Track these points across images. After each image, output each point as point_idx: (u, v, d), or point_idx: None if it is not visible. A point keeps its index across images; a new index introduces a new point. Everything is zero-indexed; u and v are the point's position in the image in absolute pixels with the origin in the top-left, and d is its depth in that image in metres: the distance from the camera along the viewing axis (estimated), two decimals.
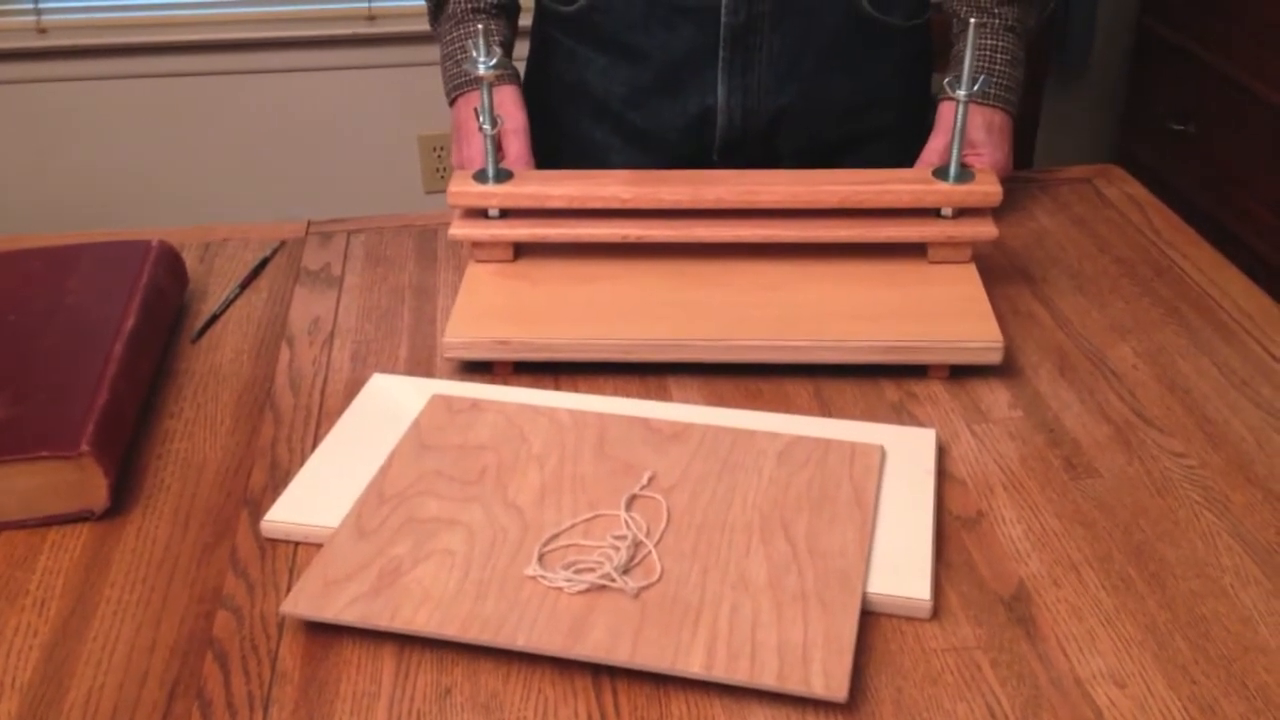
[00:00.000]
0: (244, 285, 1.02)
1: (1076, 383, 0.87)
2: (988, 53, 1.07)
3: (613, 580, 0.67)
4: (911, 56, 1.17)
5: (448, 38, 1.11)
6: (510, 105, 1.07)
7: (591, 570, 0.67)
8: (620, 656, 0.62)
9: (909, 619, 0.67)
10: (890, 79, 1.15)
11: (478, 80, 0.92)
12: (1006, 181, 1.05)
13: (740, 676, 0.61)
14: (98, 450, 0.74)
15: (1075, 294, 0.98)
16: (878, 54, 1.12)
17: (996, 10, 1.07)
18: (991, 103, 1.06)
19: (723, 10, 1.06)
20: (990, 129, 1.06)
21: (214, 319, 0.98)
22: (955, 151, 0.94)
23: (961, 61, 1.05)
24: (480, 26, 0.91)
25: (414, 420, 0.81)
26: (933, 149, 1.05)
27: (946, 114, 1.06)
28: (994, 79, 1.06)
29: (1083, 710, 0.61)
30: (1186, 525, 0.73)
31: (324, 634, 0.67)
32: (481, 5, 1.11)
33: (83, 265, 0.94)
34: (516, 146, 1.05)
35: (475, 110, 0.95)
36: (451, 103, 1.12)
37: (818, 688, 0.60)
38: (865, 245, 0.95)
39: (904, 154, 1.16)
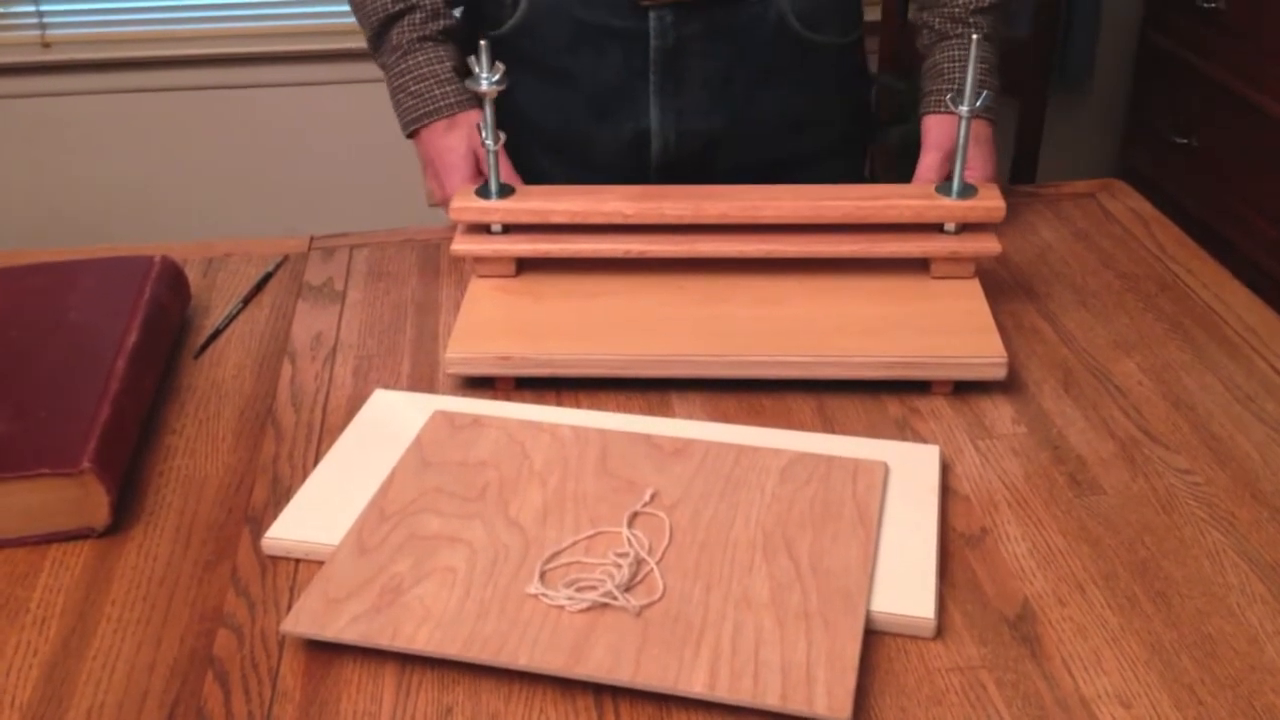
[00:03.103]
0: (246, 301, 1.02)
1: (1081, 399, 0.87)
2: (965, 63, 1.06)
3: (615, 598, 0.66)
4: (846, 75, 1.16)
5: (397, 69, 1.07)
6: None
7: (593, 588, 0.67)
8: (622, 676, 0.62)
9: (913, 638, 0.66)
10: (825, 98, 1.14)
11: (479, 95, 0.92)
12: (1009, 195, 1.04)
13: (743, 696, 0.61)
14: (99, 467, 0.74)
15: (1079, 309, 0.98)
16: (811, 73, 1.12)
17: (971, 20, 1.07)
18: (974, 113, 1.05)
19: (650, 34, 1.06)
20: (979, 141, 1.05)
21: (216, 334, 0.98)
22: (959, 166, 0.93)
23: (942, 75, 1.04)
24: (483, 42, 0.91)
25: (416, 436, 0.81)
26: (927, 166, 1.05)
27: (934, 130, 1.06)
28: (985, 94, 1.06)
29: None
30: (1192, 543, 0.73)
31: (325, 652, 0.66)
32: (427, 33, 1.07)
33: (85, 281, 0.94)
34: (503, 165, 1.04)
35: (478, 126, 0.95)
36: (412, 134, 1.09)
37: (821, 708, 0.60)
38: (868, 260, 0.95)
39: (844, 174, 1.16)
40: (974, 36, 0.89)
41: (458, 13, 1.14)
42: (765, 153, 1.13)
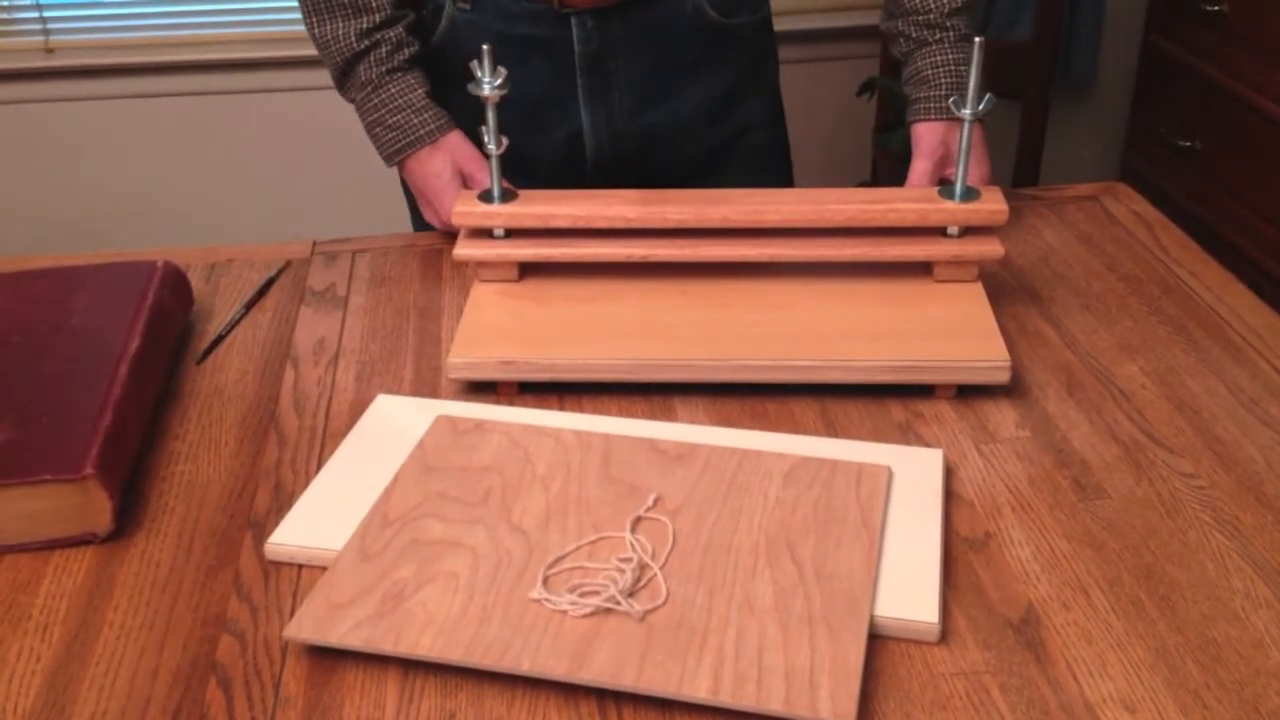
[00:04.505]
0: (249, 306, 1.02)
1: (1084, 402, 0.87)
2: (951, 66, 1.06)
3: (618, 603, 0.66)
4: (758, 55, 1.18)
5: (370, 104, 1.08)
6: (466, 146, 1.07)
7: (596, 593, 0.67)
8: (626, 681, 0.62)
9: (917, 642, 0.66)
10: (743, 78, 1.15)
11: (481, 100, 0.92)
12: (1011, 198, 1.04)
13: (747, 702, 0.61)
14: (102, 473, 0.74)
15: (1082, 312, 0.98)
16: (727, 58, 1.13)
17: (948, 23, 1.06)
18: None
19: (574, 39, 1.06)
20: (971, 144, 1.05)
21: (219, 340, 0.98)
22: (961, 170, 0.93)
23: (927, 81, 1.04)
24: (486, 47, 0.91)
25: (418, 441, 0.81)
26: (919, 174, 1.04)
27: (925, 138, 1.05)
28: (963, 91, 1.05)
29: None
30: (1197, 547, 0.73)
31: (328, 658, 0.66)
32: (396, 64, 1.07)
33: (88, 286, 0.94)
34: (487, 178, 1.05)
35: (483, 130, 0.95)
36: (398, 164, 1.09)
37: (825, 713, 0.60)
38: (871, 264, 0.95)
39: (774, 154, 1.19)
40: (976, 40, 0.89)
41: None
42: (698, 142, 1.15)
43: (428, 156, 1.07)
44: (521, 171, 1.10)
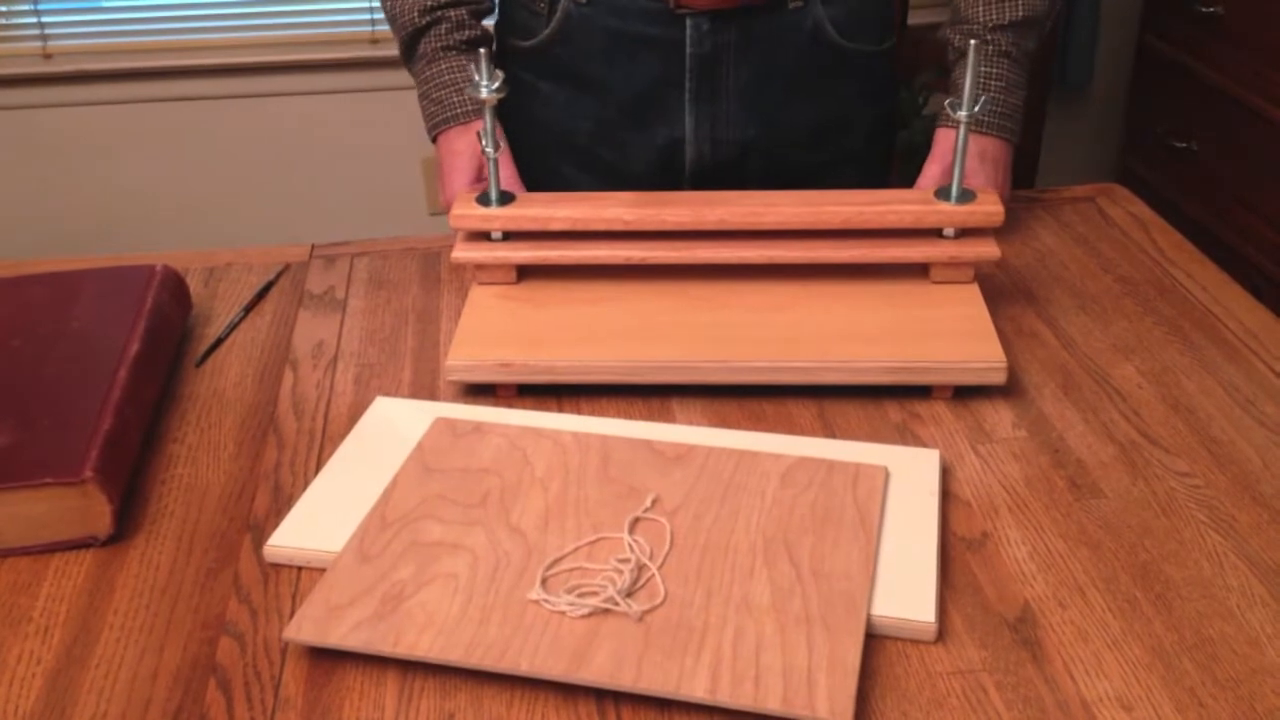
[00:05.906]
0: (248, 309, 1.03)
1: (1080, 402, 0.87)
2: (981, 79, 1.06)
3: (616, 604, 0.66)
4: (877, 81, 1.17)
5: (422, 77, 1.11)
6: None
7: (595, 594, 0.67)
8: (624, 681, 0.62)
9: (914, 642, 0.66)
10: (855, 103, 1.15)
11: (480, 103, 0.93)
12: (1008, 202, 1.04)
13: (745, 701, 0.61)
14: (101, 476, 0.74)
15: (1078, 313, 0.98)
16: (843, 80, 1.12)
17: (989, 37, 1.06)
18: (985, 130, 1.05)
19: (687, 41, 1.06)
20: (984, 158, 1.05)
21: (218, 343, 0.98)
22: (957, 171, 0.94)
23: (958, 89, 1.05)
24: (483, 51, 0.92)
25: (417, 443, 0.81)
26: (929, 177, 1.04)
27: (942, 141, 1.06)
28: (989, 105, 1.05)
29: None
30: (1192, 545, 0.73)
31: (327, 659, 0.66)
32: (451, 43, 1.09)
33: (87, 291, 0.94)
34: (505, 172, 1.05)
35: (478, 134, 0.96)
36: (434, 139, 1.11)
37: (822, 712, 0.60)
38: (868, 266, 0.96)
39: (870, 177, 1.17)
40: (971, 42, 0.90)
41: (490, 22, 1.14)
42: (797, 159, 1.13)
43: (456, 135, 1.08)
44: (614, 174, 1.10)
